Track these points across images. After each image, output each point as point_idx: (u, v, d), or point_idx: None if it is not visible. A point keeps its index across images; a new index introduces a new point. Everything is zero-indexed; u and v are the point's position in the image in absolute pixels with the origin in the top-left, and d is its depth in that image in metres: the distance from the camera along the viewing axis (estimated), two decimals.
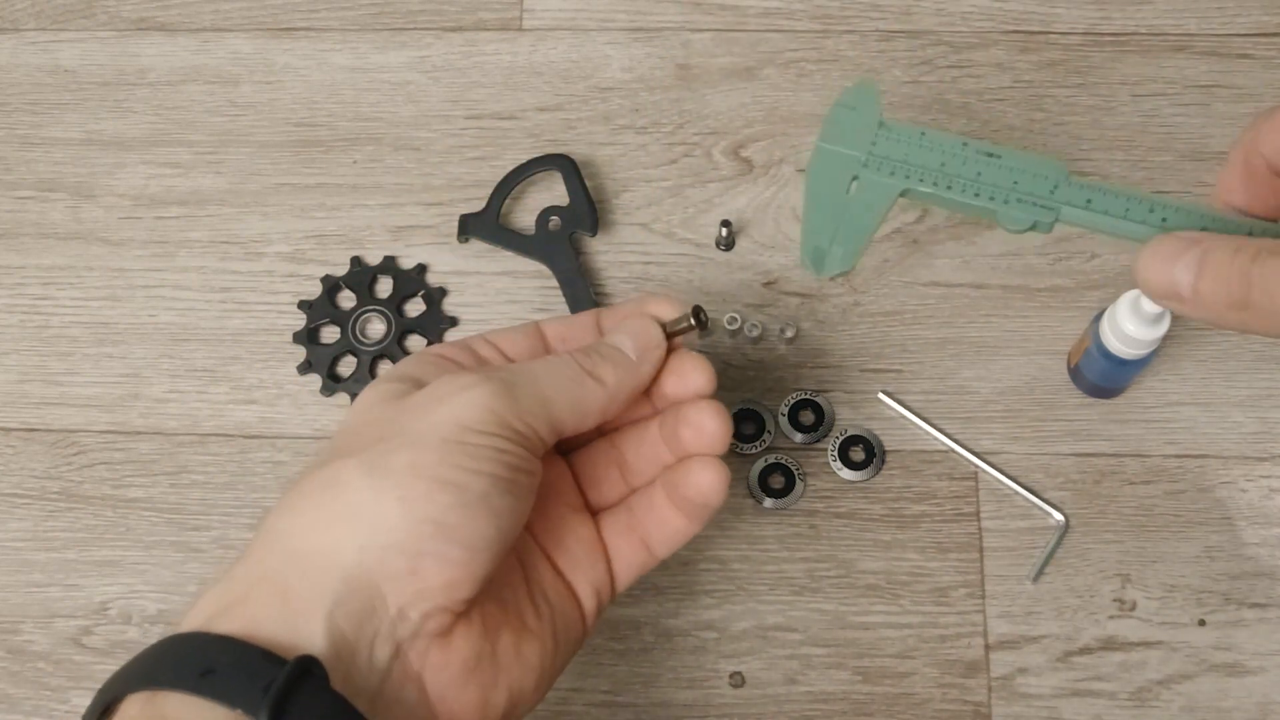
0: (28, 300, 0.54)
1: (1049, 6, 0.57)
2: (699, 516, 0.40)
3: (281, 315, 0.53)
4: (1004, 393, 0.51)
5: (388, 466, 0.34)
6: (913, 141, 0.39)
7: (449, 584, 0.34)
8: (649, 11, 0.58)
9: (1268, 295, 0.33)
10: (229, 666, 0.31)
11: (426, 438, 0.34)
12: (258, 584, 0.33)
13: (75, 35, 0.59)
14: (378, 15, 0.59)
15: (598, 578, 0.40)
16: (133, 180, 0.56)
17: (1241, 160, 0.36)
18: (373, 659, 0.33)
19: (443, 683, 0.34)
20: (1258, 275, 0.33)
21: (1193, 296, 0.35)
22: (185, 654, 0.32)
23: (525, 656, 0.37)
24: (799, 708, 0.47)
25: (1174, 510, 0.49)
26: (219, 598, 0.33)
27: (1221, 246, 0.34)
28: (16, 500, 0.51)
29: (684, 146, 0.55)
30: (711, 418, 0.39)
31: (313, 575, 0.33)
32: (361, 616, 0.33)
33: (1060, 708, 0.46)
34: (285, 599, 0.33)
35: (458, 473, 0.34)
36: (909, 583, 0.48)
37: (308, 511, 0.34)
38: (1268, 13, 0.57)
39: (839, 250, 0.39)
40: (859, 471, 0.49)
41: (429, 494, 0.33)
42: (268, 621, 0.32)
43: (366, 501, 0.34)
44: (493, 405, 0.35)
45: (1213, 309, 0.34)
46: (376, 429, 0.36)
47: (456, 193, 0.55)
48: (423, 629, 0.34)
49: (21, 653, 0.49)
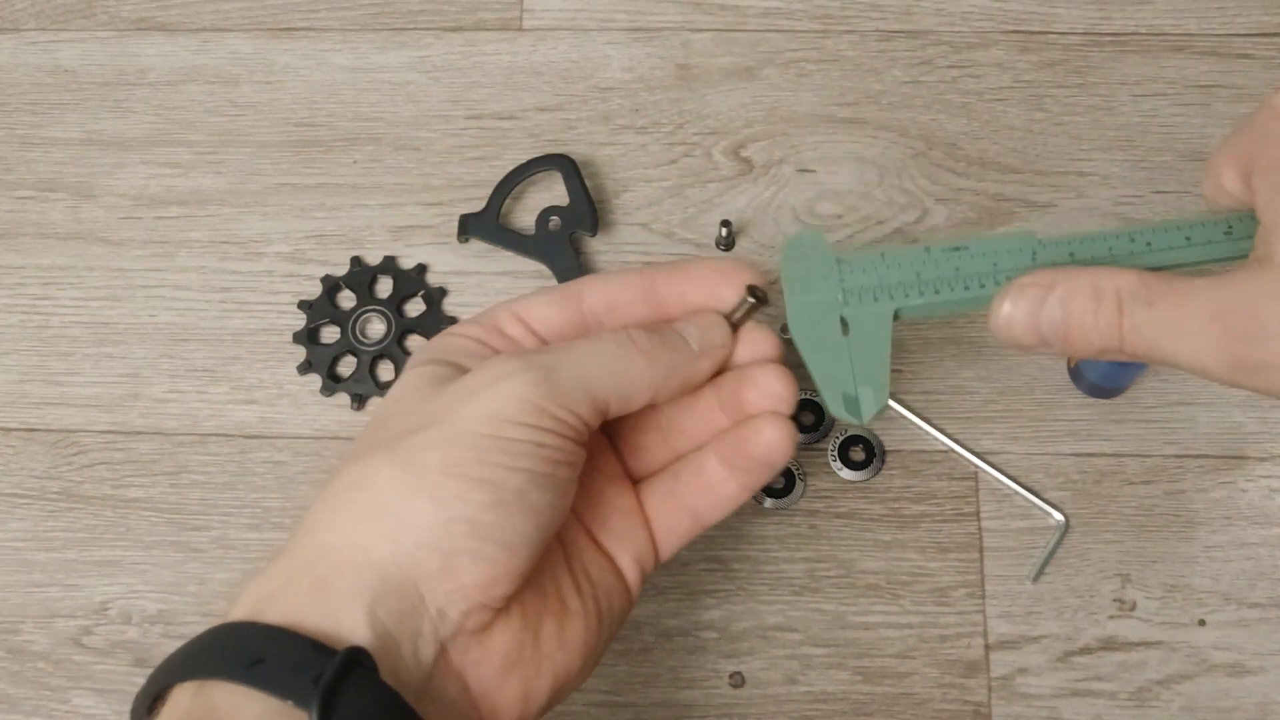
0: (28, 300, 0.54)
1: (1049, 6, 0.57)
2: (759, 478, 0.39)
3: (281, 315, 0.53)
4: (1004, 393, 0.51)
5: (420, 463, 0.33)
6: (878, 265, 0.38)
7: (487, 583, 0.33)
8: (649, 11, 0.58)
9: (1143, 344, 0.33)
10: (277, 656, 0.30)
11: (461, 433, 0.33)
12: (295, 576, 0.33)
13: (75, 35, 0.59)
14: (378, 15, 0.59)
15: (638, 548, 0.39)
16: (133, 180, 0.56)
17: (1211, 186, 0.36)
18: (418, 656, 0.33)
19: (484, 678, 0.34)
20: (1129, 328, 0.33)
21: (1064, 345, 0.35)
22: (233, 643, 0.31)
23: (569, 640, 0.36)
24: (799, 708, 0.47)
25: (1174, 510, 0.49)
26: (260, 589, 0.33)
27: (1079, 293, 0.34)
28: (16, 500, 0.51)
29: (684, 146, 0.55)
30: (778, 379, 0.38)
31: (349, 571, 0.32)
32: (401, 613, 0.32)
33: (1060, 708, 0.46)
34: (323, 592, 0.32)
35: (493, 470, 0.33)
36: (909, 583, 0.48)
37: (341, 509, 0.34)
38: (1268, 13, 0.57)
39: (869, 390, 0.38)
40: (859, 471, 0.49)
41: (462, 493, 0.32)
42: (310, 613, 0.32)
43: (398, 500, 0.33)
44: (531, 395, 0.34)
45: (1085, 354, 0.35)
46: (412, 418, 0.35)
47: (456, 193, 0.55)
48: (463, 627, 0.33)
49: (21, 653, 0.49)
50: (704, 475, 0.39)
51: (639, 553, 0.39)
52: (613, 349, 0.36)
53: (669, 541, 0.40)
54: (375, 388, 0.52)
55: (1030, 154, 0.54)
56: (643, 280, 0.39)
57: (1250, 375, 0.32)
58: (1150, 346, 0.33)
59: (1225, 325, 0.32)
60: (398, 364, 0.52)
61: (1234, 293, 0.32)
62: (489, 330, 0.39)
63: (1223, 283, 0.32)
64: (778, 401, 0.38)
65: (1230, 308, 0.32)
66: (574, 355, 0.36)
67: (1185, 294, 0.33)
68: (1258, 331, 0.31)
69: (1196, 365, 0.33)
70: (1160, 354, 0.33)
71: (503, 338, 0.39)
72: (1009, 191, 0.54)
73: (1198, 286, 0.33)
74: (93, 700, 0.48)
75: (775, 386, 0.38)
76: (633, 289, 0.39)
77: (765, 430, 0.38)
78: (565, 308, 0.39)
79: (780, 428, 0.38)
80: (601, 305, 0.39)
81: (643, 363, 0.36)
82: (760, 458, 0.38)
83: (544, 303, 0.39)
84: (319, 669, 0.30)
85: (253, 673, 0.30)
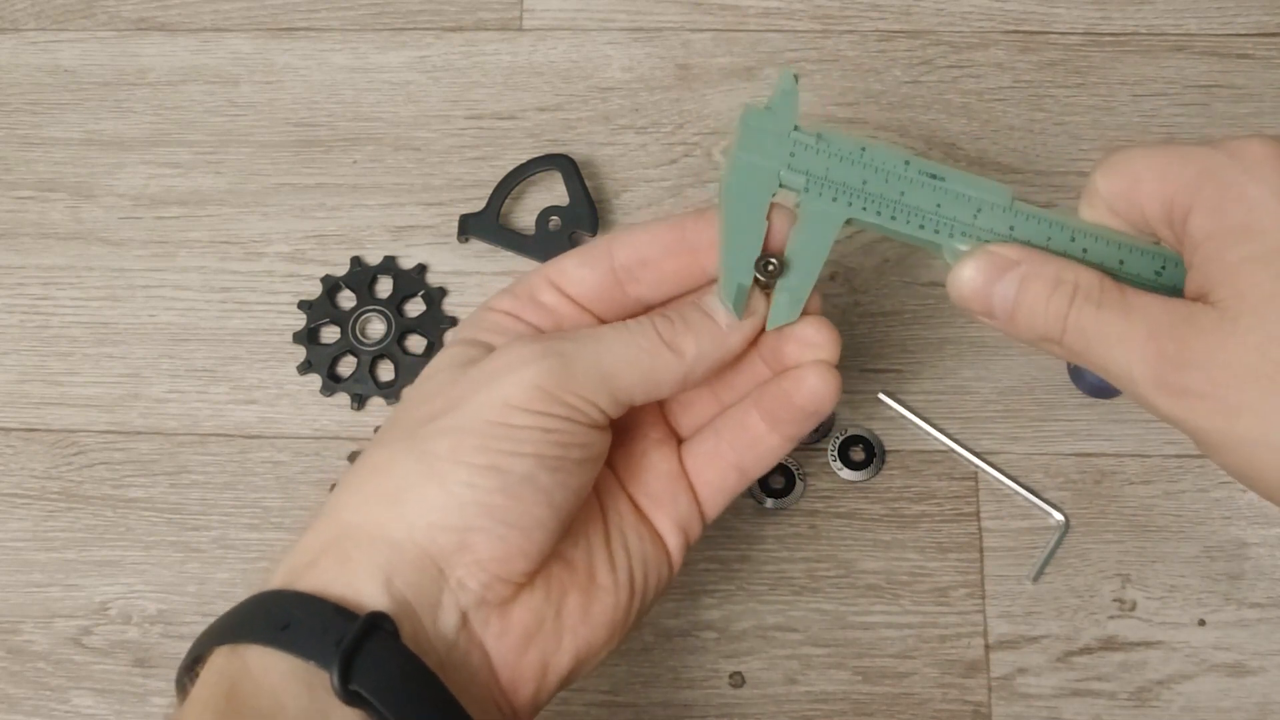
0: (28, 300, 0.54)
1: (1049, 6, 0.57)
2: (803, 427, 0.38)
3: (281, 315, 0.53)
4: (1004, 393, 0.51)
5: (432, 451, 0.34)
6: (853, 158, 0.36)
7: (502, 558, 0.34)
8: (649, 11, 0.58)
9: (1081, 342, 0.34)
10: (304, 621, 0.32)
11: (470, 420, 0.34)
12: (322, 552, 0.34)
13: (75, 35, 0.59)
14: (378, 15, 0.59)
15: (682, 513, 0.39)
16: (133, 180, 0.56)
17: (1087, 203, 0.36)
18: (439, 625, 0.33)
19: (503, 649, 0.35)
20: (1073, 323, 0.34)
21: (1007, 322, 0.35)
22: (267, 610, 0.33)
23: (593, 616, 0.36)
24: (799, 708, 0.47)
25: (1174, 510, 0.49)
26: (292, 562, 0.34)
27: (1040, 277, 0.34)
28: (16, 500, 0.51)
29: (684, 146, 0.55)
30: (817, 330, 0.37)
31: (365, 546, 0.34)
32: (420, 585, 0.33)
33: (1060, 708, 0.46)
34: (345, 565, 0.33)
35: (499, 457, 0.33)
36: (909, 583, 0.48)
37: (361, 491, 0.35)
38: (1268, 13, 0.57)
39: (784, 297, 0.36)
40: (859, 471, 0.49)
41: (470, 479, 0.33)
42: (334, 583, 0.33)
43: (410, 487, 0.34)
44: (541, 383, 0.34)
45: (1025, 336, 0.35)
46: (431, 404, 0.35)
47: (456, 193, 0.55)
48: (484, 598, 0.34)
49: (21, 653, 0.49)
50: (747, 430, 0.39)
51: (683, 517, 0.39)
52: (637, 341, 0.35)
53: (715, 500, 0.39)
54: (375, 388, 0.52)
55: (1030, 154, 0.54)
56: (671, 229, 0.38)
57: (1173, 398, 0.32)
58: (1087, 347, 0.34)
59: (1159, 344, 0.32)
60: (398, 364, 0.52)
61: (1174, 320, 0.32)
62: (523, 301, 0.38)
63: (1167, 306, 0.33)
64: (819, 350, 0.37)
65: (1166, 329, 0.32)
66: (595, 347, 0.35)
67: (1131, 307, 0.33)
68: (1187, 358, 0.32)
69: (1125, 377, 0.33)
70: (1094, 356, 0.34)
71: (537, 307, 0.38)
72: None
73: (1145, 302, 0.33)
74: (93, 700, 0.48)
75: (816, 336, 0.37)
76: (663, 240, 0.38)
77: (810, 378, 0.37)
78: (597, 267, 0.38)
79: (824, 375, 0.37)
80: (633, 260, 0.38)
81: (668, 356, 0.35)
82: (805, 406, 0.37)
83: (576, 264, 0.38)
84: (341, 632, 0.31)
85: (281, 636, 0.32)
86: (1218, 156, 0.33)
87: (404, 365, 0.52)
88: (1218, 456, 0.33)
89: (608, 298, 0.38)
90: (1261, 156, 0.32)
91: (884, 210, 0.36)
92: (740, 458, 0.39)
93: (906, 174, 0.36)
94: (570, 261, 0.38)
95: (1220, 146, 0.33)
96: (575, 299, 0.38)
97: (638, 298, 0.38)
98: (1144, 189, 0.34)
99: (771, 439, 0.39)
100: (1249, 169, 0.32)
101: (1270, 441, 0.31)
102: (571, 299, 0.38)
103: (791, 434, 0.39)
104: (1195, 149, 0.33)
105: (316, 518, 0.36)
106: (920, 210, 0.36)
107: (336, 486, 0.36)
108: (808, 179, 0.36)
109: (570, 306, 0.38)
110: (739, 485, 0.40)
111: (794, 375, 0.37)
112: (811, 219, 0.36)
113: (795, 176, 0.36)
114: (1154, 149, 0.34)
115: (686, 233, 0.38)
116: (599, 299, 0.38)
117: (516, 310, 0.38)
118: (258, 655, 0.32)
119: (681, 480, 0.39)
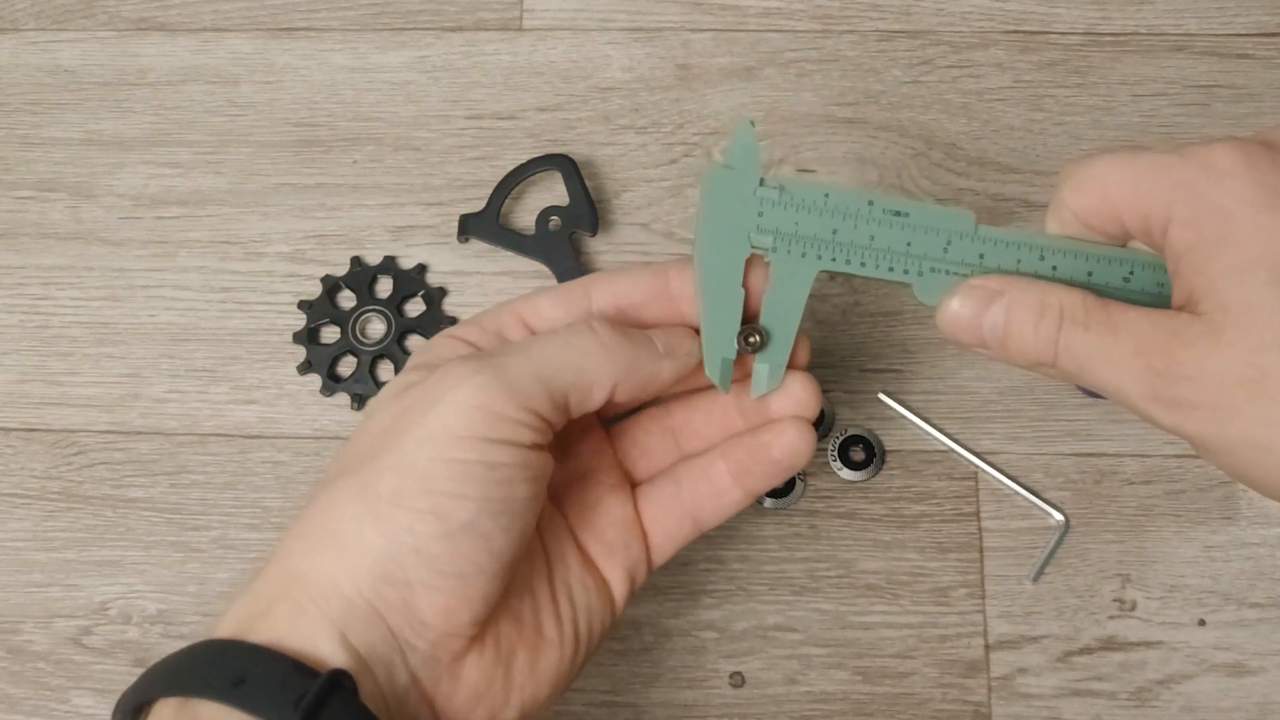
0: (28, 300, 0.54)
1: (1049, 6, 0.57)
2: (769, 482, 0.38)
3: (281, 315, 0.53)
4: (1004, 393, 0.51)
5: (374, 492, 0.33)
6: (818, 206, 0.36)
7: (444, 610, 0.33)
8: (649, 11, 0.58)
9: (1074, 364, 0.34)
10: (261, 677, 0.31)
11: (413, 459, 0.33)
12: (275, 601, 0.33)
13: (75, 35, 0.59)
14: (378, 15, 0.59)
15: (632, 560, 0.38)
16: (133, 180, 0.56)
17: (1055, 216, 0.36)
18: (392, 683, 0.33)
19: (452, 709, 0.34)
20: (1064, 346, 0.34)
21: (1000, 351, 0.36)
22: (217, 661, 0.32)
23: (540, 671, 0.36)
24: (799, 708, 0.47)
25: (1174, 510, 0.49)
26: (243, 610, 0.33)
27: (1025, 305, 0.35)
28: (16, 500, 0.51)
29: (684, 146, 0.55)
30: (804, 386, 0.37)
31: (318, 598, 0.33)
32: (372, 641, 0.32)
33: (1060, 708, 0.46)
34: (299, 618, 0.32)
35: (439, 500, 0.32)
36: (909, 583, 0.48)
37: (309, 535, 0.34)
38: (1268, 13, 0.57)
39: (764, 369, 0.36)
40: (859, 471, 0.49)
41: (410, 525, 0.32)
42: (289, 636, 0.32)
43: (352, 532, 0.33)
44: (481, 401, 0.33)
45: (1020, 363, 0.36)
46: (377, 439, 0.34)
47: (456, 193, 0.55)
48: (435, 657, 0.33)
49: (21, 653, 0.49)
50: (709, 479, 0.39)
51: (632, 564, 0.38)
52: (570, 339, 0.35)
53: (665, 547, 0.39)
54: (375, 388, 0.52)
55: (1030, 154, 0.54)
56: (655, 279, 0.38)
57: (1168, 411, 0.33)
58: (1080, 368, 0.34)
59: (1147, 361, 0.33)
60: (398, 364, 0.52)
61: (1160, 333, 0.33)
62: (489, 335, 0.38)
63: (1152, 320, 0.33)
64: (800, 406, 0.38)
65: (1153, 345, 0.33)
66: (528, 349, 0.35)
67: (1117, 324, 0.34)
68: (1176, 372, 0.32)
69: (1120, 394, 0.34)
70: (1089, 376, 0.34)
71: (498, 341, 0.38)
72: (1009, 191, 0.54)
73: (1129, 319, 0.34)
74: (93, 700, 0.48)
75: (801, 392, 0.38)
76: (644, 288, 0.38)
77: (789, 433, 0.37)
78: (572, 309, 0.38)
79: (803, 431, 0.37)
80: (610, 306, 0.38)
81: (602, 354, 0.35)
82: (781, 460, 0.38)
83: (550, 304, 0.38)
84: (301, 690, 0.30)
85: (236, 692, 0.30)
86: (1188, 169, 0.33)
87: (404, 365, 0.52)
88: (1214, 459, 0.33)
89: None
90: (1231, 166, 0.32)
91: (853, 258, 0.36)
92: (699, 508, 0.39)
93: (872, 215, 0.36)
94: (544, 300, 0.38)
95: (1189, 156, 0.33)
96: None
97: None
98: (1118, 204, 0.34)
99: (734, 492, 0.39)
100: (1221, 180, 0.32)
101: (1261, 443, 0.31)
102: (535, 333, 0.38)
103: (756, 489, 0.39)
104: (1162, 159, 0.33)
105: (269, 560, 0.34)
106: (891, 252, 0.37)
107: (288, 528, 0.35)
108: (775, 238, 0.36)
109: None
110: (691, 535, 0.39)
111: (774, 429, 0.38)
112: (784, 280, 0.36)
113: (764, 238, 0.36)
114: (1118, 160, 0.34)
115: (670, 282, 0.38)
116: None
117: (478, 341, 0.37)
118: (210, 712, 0.30)
119: (635, 527, 0.39)
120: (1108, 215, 0.35)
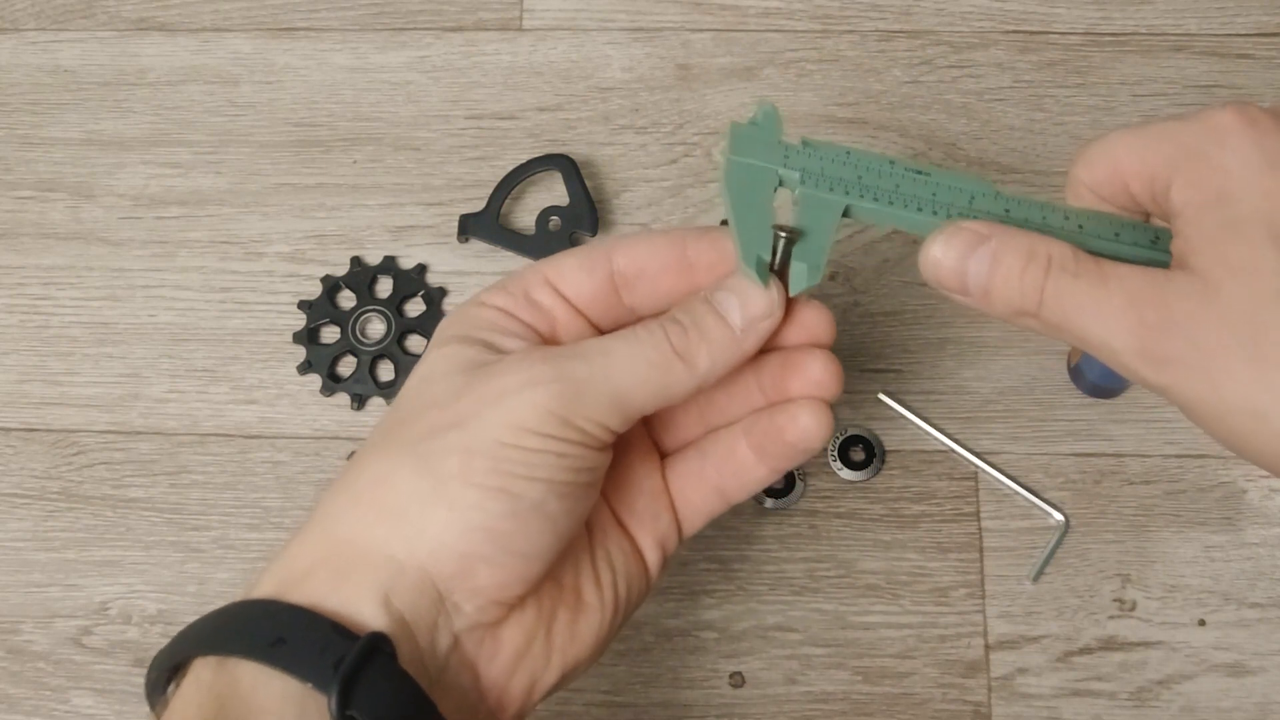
0: (28, 300, 0.54)
1: (1049, 6, 0.57)
2: (790, 462, 0.38)
3: (281, 315, 0.53)
4: (1004, 393, 0.51)
5: (440, 469, 0.33)
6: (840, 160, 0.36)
7: (501, 584, 0.33)
8: (649, 11, 0.58)
9: (1059, 313, 0.33)
10: (300, 638, 0.31)
11: (482, 439, 0.33)
12: (318, 564, 0.33)
13: (75, 35, 0.59)
14: (378, 15, 0.59)
15: (662, 530, 0.38)
16: (133, 180, 0.56)
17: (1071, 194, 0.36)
18: (434, 646, 0.33)
19: (493, 671, 0.34)
20: (1050, 294, 0.33)
21: (983, 298, 0.34)
22: (257, 621, 0.32)
23: (580, 633, 0.36)
24: (799, 708, 0.47)
25: (1174, 510, 0.49)
26: (282, 572, 0.33)
27: (1013, 250, 0.34)
28: (16, 500, 0.51)
29: (684, 146, 0.55)
30: (825, 367, 0.37)
31: (364, 562, 0.33)
32: (418, 605, 0.33)
33: (1060, 708, 0.46)
34: (342, 582, 0.32)
35: (511, 480, 0.33)
36: (909, 583, 0.48)
37: (359, 504, 0.34)
38: (1268, 13, 0.57)
39: (802, 266, 0.36)
40: (859, 471, 0.49)
41: (480, 503, 0.32)
42: (330, 599, 0.32)
43: (416, 505, 0.33)
44: (553, 408, 0.33)
45: (1001, 312, 0.34)
46: (435, 414, 0.34)
47: (456, 193, 0.55)
48: (478, 621, 0.33)
49: (21, 653, 0.49)
50: (734, 457, 0.38)
51: (662, 534, 0.39)
52: (648, 356, 0.35)
53: (694, 520, 0.39)
54: (375, 388, 0.52)
55: (1030, 154, 0.54)
56: (673, 244, 0.37)
57: (1159, 369, 0.32)
58: (1065, 317, 0.33)
59: (1139, 313, 0.32)
60: (398, 364, 0.52)
61: (1152, 285, 0.32)
62: (518, 299, 0.37)
63: (1144, 274, 0.33)
64: (820, 389, 0.37)
65: (1146, 297, 0.32)
66: (606, 367, 0.34)
67: (1108, 276, 0.33)
68: (1168, 326, 0.31)
69: (1105, 346, 0.33)
70: (1073, 327, 0.33)
71: (532, 307, 0.37)
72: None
73: (1122, 272, 0.33)
74: (93, 700, 0.48)
75: (821, 375, 0.37)
76: (663, 254, 0.37)
77: (803, 416, 0.37)
78: (595, 272, 0.37)
79: (818, 414, 0.37)
80: (631, 270, 0.37)
81: (680, 368, 0.35)
82: (796, 444, 0.37)
83: (575, 266, 0.37)
84: (340, 653, 0.30)
85: (275, 653, 0.30)
86: (1191, 129, 0.33)
87: (404, 365, 0.52)
88: (1205, 425, 0.32)
89: (604, 304, 0.37)
90: (1232, 125, 0.32)
91: (881, 197, 0.36)
92: (724, 483, 0.39)
93: (894, 172, 0.36)
94: (570, 263, 0.38)
95: (1193, 119, 0.33)
96: (571, 301, 0.37)
97: (632, 306, 0.37)
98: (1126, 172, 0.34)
99: (759, 469, 0.38)
100: (1222, 139, 0.32)
101: (1254, 409, 0.30)
102: (567, 301, 0.37)
103: (779, 467, 0.38)
104: (1169, 125, 0.34)
105: (309, 524, 0.34)
106: (917, 197, 0.36)
107: (330, 491, 0.35)
108: (804, 174, 0.36)
109: (565, 310, 0.37)
110: (720, 508, 0.39)
111: (789, 410, 0.37)
112: (812, 203, 0.36)
113: (792, 174, 0.36)
114: (1127, 132, 0.34)
115: (687, 250, 0.37)
116: (594, 304, 0.37)
117: (511, 308, 0.37)
118: (248, 672, 0.30)
119: (664, 498, 0.39)
120: (1118, 186, 0.35)
